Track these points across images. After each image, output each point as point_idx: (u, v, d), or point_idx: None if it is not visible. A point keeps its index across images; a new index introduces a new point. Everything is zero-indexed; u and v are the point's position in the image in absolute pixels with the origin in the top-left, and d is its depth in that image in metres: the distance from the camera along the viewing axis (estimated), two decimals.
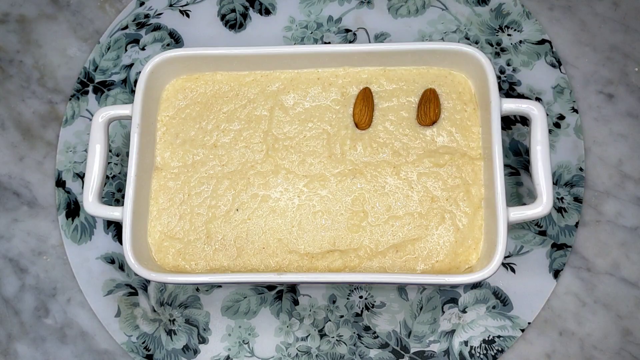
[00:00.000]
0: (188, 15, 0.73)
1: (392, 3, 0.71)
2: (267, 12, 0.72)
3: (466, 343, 0.63)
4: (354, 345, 0.63)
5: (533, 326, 0.64)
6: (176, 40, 0.72)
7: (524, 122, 0.68)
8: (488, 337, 0.63)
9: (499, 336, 0.63)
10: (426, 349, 0.63)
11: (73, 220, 0.68)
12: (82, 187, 0.64)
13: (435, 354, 0.63)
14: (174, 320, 0.65)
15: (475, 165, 0.61)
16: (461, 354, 0.63)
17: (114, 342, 0.65)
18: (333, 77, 0.64)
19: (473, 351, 0.63)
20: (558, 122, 0.67)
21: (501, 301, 0.64)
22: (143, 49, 0.72)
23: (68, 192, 0.69)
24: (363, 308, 0.64)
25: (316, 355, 0.63)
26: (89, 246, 0.67)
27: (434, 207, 0.61)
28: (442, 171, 0.61)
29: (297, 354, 0.64)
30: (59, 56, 0.73)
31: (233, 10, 0.73)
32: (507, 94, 0.68)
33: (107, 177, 0.68)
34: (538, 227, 0.65)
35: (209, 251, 0.61)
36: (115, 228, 0.68)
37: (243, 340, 0.64)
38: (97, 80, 0.71)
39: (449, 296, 0.64)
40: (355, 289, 0.65)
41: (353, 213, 0.61)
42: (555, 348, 0.63)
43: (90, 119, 0.70)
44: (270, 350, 0.64)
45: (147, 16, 0.73)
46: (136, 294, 0.66)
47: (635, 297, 0.64)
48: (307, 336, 0.64)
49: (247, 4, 0.73)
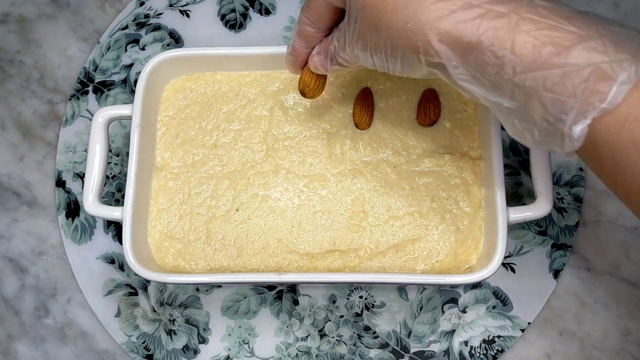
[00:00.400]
0: (188, 15, 0.73)
1: None
2: (267, 12, 0.72)
3: (466, 343, 0.63)
4: (354, 345, 0.63)
5: (533, 326, 0.64)
6: (176, 40, 0.72)
7: None
8: (488, 337, 0.63)
9: (499, 336, 0.63)
10: (426, 349, 0.63)
11: (73, 220, 0.68)
12: (82, 187, 0.64)
13: (435, 354, 0.63)
14: (174, 320, 0.65)
15: (475, 165, 0.61)
16: (461, 354, 0.63)
17: (114, 342, 0.65)
18: (333, 77, 0.64)
19: (473, 351, 0.63)
20: None
21: (501, 301, 0.64)
22: (143, 49, 0.72)
23: (68, 192, 0.69)
24: (363, 308, 0.64)
25: (316, 355, 0.63)
26: (89, 246, 0.67)
27: (434, 207, 0.61)
28: (442, 171, 0.61)
29: (297, 354, 0.64)
30: (59, 56, 0.73)
31: (233, 10, 0.73)
32: None
33: (107, 177, 0.68)
34: (538, 227, 0.65)
35: (209, 251, 0.61)
36: (115, 228, 0.68)
37: (243, 340, 0.64)
38: (97, 80, 0.71)
39: (449, 296, 0.64)
40: (355, 289, 0.65)
41: (353, 213, 0.61)
42: (555, 348, 0.63)
43: (90, 119, 0.70)
44: (270, 350, 0.64)
45: (147, 16, 0.73)
46: (136, 294, 0.66)
47: (635, 297, 0.64)
48: (307, 336, 0.64)
49: (247, 4, 0.73)
